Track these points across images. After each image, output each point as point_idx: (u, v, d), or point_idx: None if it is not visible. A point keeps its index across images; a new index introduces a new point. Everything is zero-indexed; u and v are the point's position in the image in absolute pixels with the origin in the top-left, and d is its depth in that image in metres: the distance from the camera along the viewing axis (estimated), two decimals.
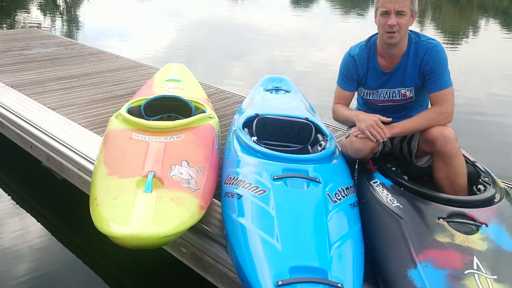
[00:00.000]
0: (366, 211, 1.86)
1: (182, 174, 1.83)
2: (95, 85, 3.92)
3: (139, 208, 1.56)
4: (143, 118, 2.58)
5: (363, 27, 12.65)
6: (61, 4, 14.37)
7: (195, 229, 2.01)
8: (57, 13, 12.45)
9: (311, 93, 5.26)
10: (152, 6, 14.52)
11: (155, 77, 3.34)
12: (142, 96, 2.78)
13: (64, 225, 2.83)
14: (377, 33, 2.13)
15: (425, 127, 1.98)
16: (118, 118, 2.32)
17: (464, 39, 12.49)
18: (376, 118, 1.98)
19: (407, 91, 2.15)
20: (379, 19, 2.00)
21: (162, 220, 1.53)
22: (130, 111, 2.46)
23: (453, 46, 11.30)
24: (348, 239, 1.56)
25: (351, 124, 2.22)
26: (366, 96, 2.24)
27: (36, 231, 2.73)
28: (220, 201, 1.98)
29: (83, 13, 12.53)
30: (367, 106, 2.31)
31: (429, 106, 2.34)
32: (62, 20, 11.44)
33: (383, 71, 2.13)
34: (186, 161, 1.93)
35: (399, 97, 2.17)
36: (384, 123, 1.98)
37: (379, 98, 2.20)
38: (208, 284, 2.00)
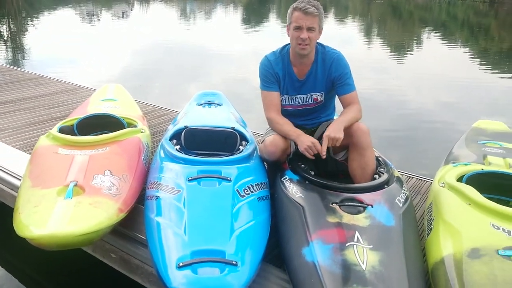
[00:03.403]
0: (277, 203, 2.09)
1: (104, 182, 1.98)
2: (32, 108, 3.98)
3: (57, 212, 1.69)
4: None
5: None
6: (5, 32, 14.13)
7: (122, 235, 2.15)
8: (1, 41, 12.23)
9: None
10: (104, 31, 14.54)
11: (91, 97, 3.47)
12: (76, 116, 2.91)
13: None
14: (289, 44, 2.37)
15: (353, 122, 2.21)
16: (48, 137, 2.44)
17: (409, 52, 13.30)
18: (314, 140, 2.15)
19: (318, 95, 2.40)
20: (292, 32, 2.24)
21: (78, 221, 1.67)
22: (62, 131, 2.58)
23: (399, 58, 12.04)
24: (251, 226, 1.76)
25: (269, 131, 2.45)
26: (284, 103, 2.44)
27: None
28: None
29: (30, 39, 12.36)
30: (286, 112, 2.48)
31: (335, 108, 2.64)
32: (6, 48, 11.26)
33: (298, 79, 2.37)
34: (109, 170, 2.08)
35: (311, 101, 2.42)
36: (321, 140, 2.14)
37: (296, 103, 2.43)
38: (137, 285, 2.13)
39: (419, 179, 2.99)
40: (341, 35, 15.65)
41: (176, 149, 2.36)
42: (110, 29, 15.14)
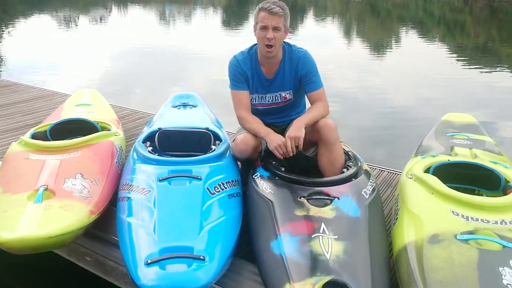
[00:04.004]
0: (248, 200, 2.13)
1: (75, 185, 2.00)
2: (7, 116, 3.95)
3: (27, 216, 1.71)
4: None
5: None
6: None
7: (97, 237, 2.17)
8: None
9: None
10: (82, 36, 14.37)
11: (65, 103, 3.46)
12: (50, 122, 2.90)
13: None
14: (257, 43, 2.40)
15: (317, 119, 2.26)
16: (20, 143, 2.43)
17: (388, 49, 13.50)
18: (283, 139, 2.18)
19: (287, 93, 2.45)
20: (258, 32, 2.28)
21: (48, 224, 1.68)
22: (35, 137, 2.57)
23: (379, 56, 12.22)
24: (221, 222, 1.80)
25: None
26: (254, 102, 2.50)
27: None
28: None
29: (5, 47, 12.15)
30: (256, 111, 2.54)
31: (306, 106, 2.70)
32: None
33: (266, 78, 2.42)
34: (80, 174, 2.10)
35: (281, 99, 2.47)
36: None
37: (266, 102, 2.48)
38: (113, 287, 2.14)
39: (391, 172, 3.07)
40: (321, 35, 15.83)
41: (148, 151, 2.38)
42: (88, 34, 14.97)
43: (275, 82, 2.42)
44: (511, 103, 7.21)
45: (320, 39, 14.22)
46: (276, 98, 2.47)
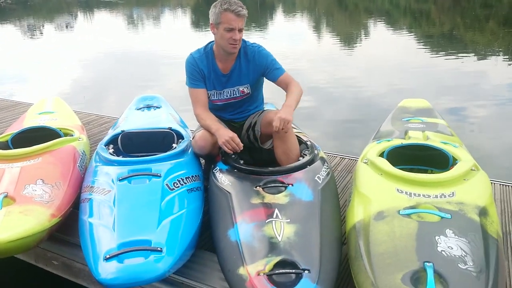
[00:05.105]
0: (209, 194, 2.20)
1: (35, 191, 2.03)
2: None
3: None
4: None
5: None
6: None
7: (63, 241, 2.21)
8: None
9: None
10: (48, 45, 14.09)
11: (28, 112, 3.45)
12: (11, 131, 2.90)
13: None
14: (212, 41, 2.46)
15: (300, 99, 2.34)
16: None
17: (358, 42, 13.74)
18: (231, 134, 2.24)
19: (244, 88, 2.53)
20: (223, 33, 2.29)
21: (8, 228, 1.72)
22: None
23: (350, 48, 12.42)
24: (179, 216, 1.87)
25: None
26: (213, 98, 2.54)
27: None
28: None
29: None
30: (214, 107, 2.58)
31: (263, 100, 2.79)
32: None
33: (223, 73, 2.48)
34: (41, 179, 2.13)
35: (238, 94, 2.54)
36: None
37: (224, 97, 2.53)
38: None
39: (351, 159, 3.20)
40: (292, 32, 15.95)
41: (110, 153, 2.43)
42: (54, 42, 14.70)
43: (232, 77, 2.49)
44: (478, 87, 7.50)
45: (291, 36, 14.34)
46: (234, 93, 2.53)
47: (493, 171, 4.20)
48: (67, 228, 2.17)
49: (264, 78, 2.53)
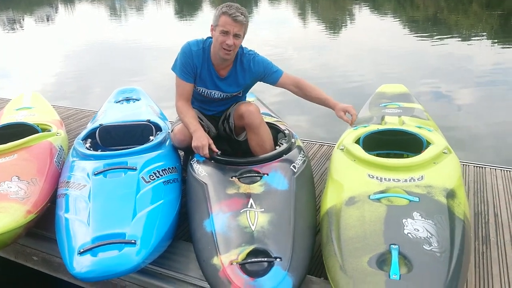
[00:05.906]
0: (187, 185, 2.22)
1: (11, 188, 2.03)
2: None
3: None
4: None
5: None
6: None
7: (41, 236, 2.22)
8: None
9: None
10: (29, 38, 13.84)
11: (5, 108, 3.41)
12: None
13: None
14: (212, 38, 2.35)
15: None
16: None
17: (344, 27, 13.73)
18: (205, 141, 2.18)
19: (237, 93, 2.50)
20: (218, 35, 2.22)
21: None
22: None
23: (336, 34, 12.41)
24: (155, 208, 1.89)
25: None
26: (202, 92, 2.47)
27: None
28: None
29: None
30: (200, 98, 2.52)
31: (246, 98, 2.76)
32: None
33: (218, 76, 2.41)
34: (17, 176, 2.12)
35: (229, 96, 2.50)
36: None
37: (212, 96, 2.48)
38: (63, 282, 2.20)
39: (329, 146, 3.23)
40: (277, 19, 15.85)
41: (87, 147, 2.42)
42: (36, 34, 14.44)
43: (226, 83, 2.43)
44: (462, 70, 7.57)
45: (276, 23, 14.28)
46: (224, 96, 2.48)
47: (471, 154, 4.29)
48: (46, 224, 2.18)
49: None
